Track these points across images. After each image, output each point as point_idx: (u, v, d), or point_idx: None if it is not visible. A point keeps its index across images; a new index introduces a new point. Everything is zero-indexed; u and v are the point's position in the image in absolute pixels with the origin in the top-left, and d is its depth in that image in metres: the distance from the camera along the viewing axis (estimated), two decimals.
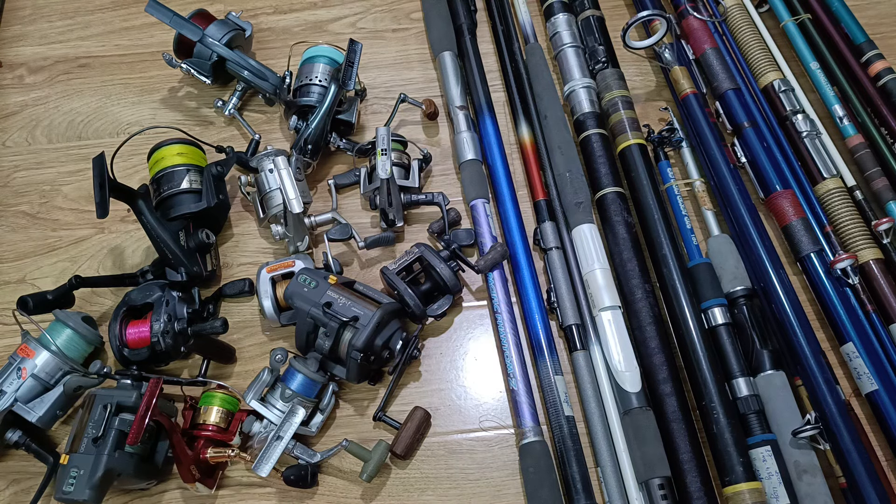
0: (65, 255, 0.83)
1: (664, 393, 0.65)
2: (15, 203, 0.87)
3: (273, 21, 0.99)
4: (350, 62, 0.81)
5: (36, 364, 0.69)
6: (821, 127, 0.80)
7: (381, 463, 0.66)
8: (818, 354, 0.66)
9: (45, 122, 0.93)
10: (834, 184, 0.75)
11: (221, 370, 0.75)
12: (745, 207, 0.74)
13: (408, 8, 0.99)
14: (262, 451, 0.65)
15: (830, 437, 0.63)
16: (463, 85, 0.88)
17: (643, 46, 0.86)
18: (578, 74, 0.85)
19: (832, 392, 0.65)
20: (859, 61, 0.83)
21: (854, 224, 0.72)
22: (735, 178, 0.77)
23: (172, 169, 0.78)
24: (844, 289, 0.70)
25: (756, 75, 0.84)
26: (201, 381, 0.72)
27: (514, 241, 0.77)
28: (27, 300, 0.69)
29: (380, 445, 0.66)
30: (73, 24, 1.01)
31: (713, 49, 0.85)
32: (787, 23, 0.88)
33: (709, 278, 0.71)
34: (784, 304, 0.69)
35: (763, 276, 0.71)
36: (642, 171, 0.77)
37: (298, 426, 0.65)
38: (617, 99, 0.82)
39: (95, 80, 0.96)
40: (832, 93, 0.82)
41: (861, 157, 0.78)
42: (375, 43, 0.95)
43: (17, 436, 0.68)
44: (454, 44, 0.91)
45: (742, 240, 0.74)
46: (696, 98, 0.82)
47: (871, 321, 0.69)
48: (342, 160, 0.87)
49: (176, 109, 0.92)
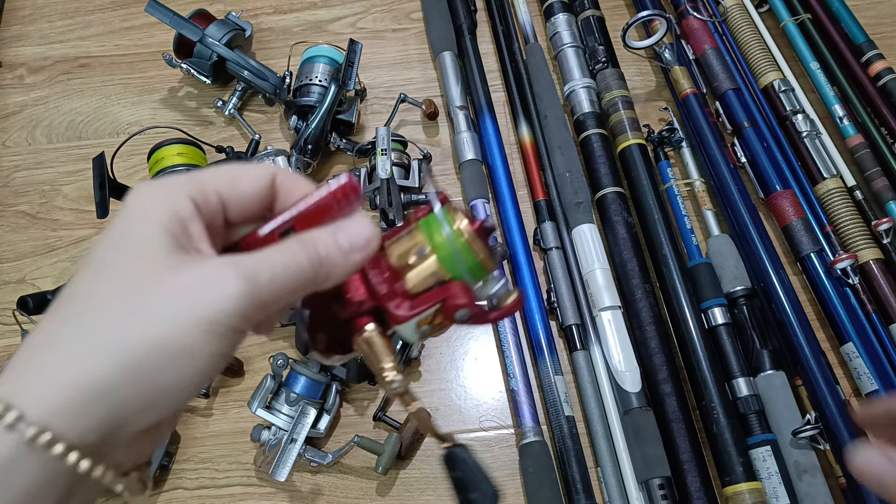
0: (65, 255, 0.83)
1: (664, 393, 0.65)
2: (15, 203, 0.87)
3: (273, 21, 0.99)
4: (350, 62, 0.81)
5: None
6: (821, 127, 0.80)
7: (394, 454, 0.66)
8: (818, 354, 0.66)
9: (45, 123, 0.93)
10: (834, 184, 0.75)
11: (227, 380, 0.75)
12: (745, 207, 0.74)
13: (408, 8, 0.99)
14: (275, 456, 0.65)
15: (830, 437, 0.63)
16: (463, 85, 0.88)
17: (643, 46, 0.86)
18: (578, 74, 0.85)
19: (832, 392, 0.65)
20: (859, 61, 0.83)
21: (854, 224, 0.73)
22: (735, 178, 0.77)
23: (172, 169, 0.78)
24: (844, 289, 0.70)
25: (756, 75, 0.84)
26: (204, 394, 0.72)
27: (513, 241, 0.77)
28: (27, 300, 0.68)
29: (391, 437, 0.66)
30: (73, 24, 1.01)
31: (713, 49, 0.85)
32: (786, 23, 0.88)
33: (709, 278, 0.71)
34: (784, 304, 0.69)
35: (763, 276, 0.71)
36: (642, 171, 0.77)
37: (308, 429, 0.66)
38: (617, 99, 0.82)
39: (95, 80, 0.96)
40: (832, 93, 0.82)
41: (861, 157, 0.78)
42: (375, 43, 0.95)
43: None
44: (454, 44, 0.91)
45: (742, 240, 0.74)
46: (696, 98, 0.82)
47: (871, 321, 0.69)
48: (342, 160, 0.87)
49: (176, 109, 0.92)
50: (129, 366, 0.22)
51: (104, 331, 0.22)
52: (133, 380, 0.22)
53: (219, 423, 0.73)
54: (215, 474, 0.70)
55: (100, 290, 0.23)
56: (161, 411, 0.23)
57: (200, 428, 0.72)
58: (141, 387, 0.22)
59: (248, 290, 0.23)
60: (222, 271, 0.23)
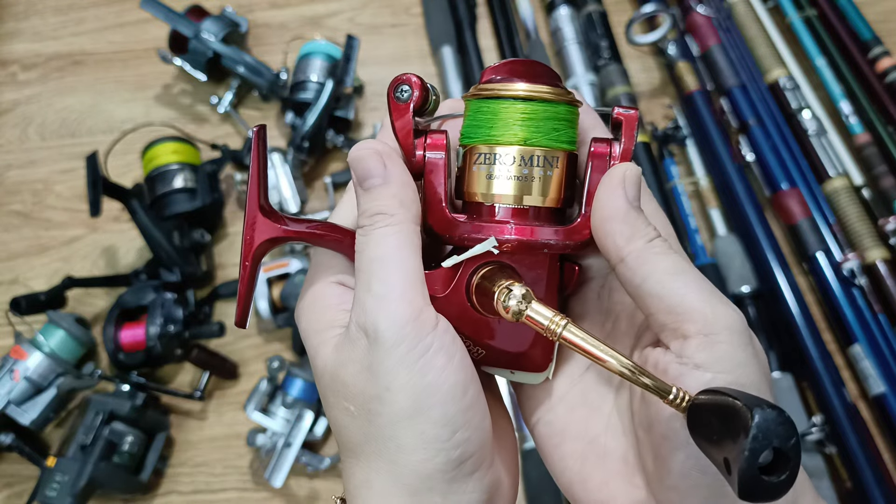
0: (57, 255, 0.82)
1: None
2: (7, 202, 0.86)
3: (269, 16, 0.97)
4: (347, 58, 0.80)
5: (29, 366, 0.67)
6: (827, 124, 0.78)
7: None
8: (825, 356, 0.65)
9: (38, 120, 0.91)
10: (841, 182, 0.74)
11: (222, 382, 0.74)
12: (751, 206, 0.73)
13: (406, 2, 0.97)
14: (272, 461, 0.64)
15: (837, 440, 0.62)
16: (463, 80, 0.86)
17: (647, 42, 0.85)
18: (581, 70, 0.84)
19: (839, 394, 0.64)
20: (866, 58, 0.81)
21: (861, 223, 0.71)
22: (741, 176, 0.75)
23: (166, 167, 0.76)
24: (851, 289, 0.69)
25: (762, 72, 0.83)
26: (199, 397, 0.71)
27: None
28: (20, 301, 0.67)
29: None
30: (67, 21, 0.99)
31: (718, 45, 0.83)
32: (792, 19, 0.87)
33: (715, 279, 0.70)
34: (790, 305, 0.68)
35: (769, 276, 0.70)
36: (646, 168, 0.75)
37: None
38: (620, 95, 0.81)
39: (89, 77, 0.94)
40: (839, 90, 0.81)
41: (868, 155, 0.76)
42: (373, 38, 0.94)
43: (10, 439, 0.66)
44: (454, 39, 0.90)
45: (748, 239, 0.72)
46: (702, 95, 0.81)
47: (878, 322, 0.68)
48: (339, 158, 0.85)
49: (170, 106, 0.91)
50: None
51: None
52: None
53: (213, 426, 0.71)
54: (210, 479, 0.69)
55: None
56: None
57: (195, 431, 0.71)
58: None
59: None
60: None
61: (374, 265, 0.26)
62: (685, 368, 0.24)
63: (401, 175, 0.27)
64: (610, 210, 0.26)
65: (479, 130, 0.27)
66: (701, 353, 0.24)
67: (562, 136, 0.27)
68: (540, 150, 0.27)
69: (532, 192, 0.27)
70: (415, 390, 0.25)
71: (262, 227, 0.27)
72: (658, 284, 0.25)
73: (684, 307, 0.24)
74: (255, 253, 0.28)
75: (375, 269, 0.26)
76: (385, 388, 0.25)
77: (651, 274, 0.25)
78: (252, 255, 0.28)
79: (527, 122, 0.26)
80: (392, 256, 0.26)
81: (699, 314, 0.24)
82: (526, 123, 0.26)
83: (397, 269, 0.26)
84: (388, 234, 0.26)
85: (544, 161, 0.27)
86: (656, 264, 0.25)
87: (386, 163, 0.27)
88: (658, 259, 0.25)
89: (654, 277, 0.25)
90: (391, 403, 0.25)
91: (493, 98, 0.27)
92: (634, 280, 0.25)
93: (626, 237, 0.25)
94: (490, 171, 0.27)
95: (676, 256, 0.25)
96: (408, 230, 0.26)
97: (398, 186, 0.27)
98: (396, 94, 0.27)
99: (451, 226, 0.27)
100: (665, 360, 0.25)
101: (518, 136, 0.26)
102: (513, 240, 0.26)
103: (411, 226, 0.26)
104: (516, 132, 0.26)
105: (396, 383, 0.25)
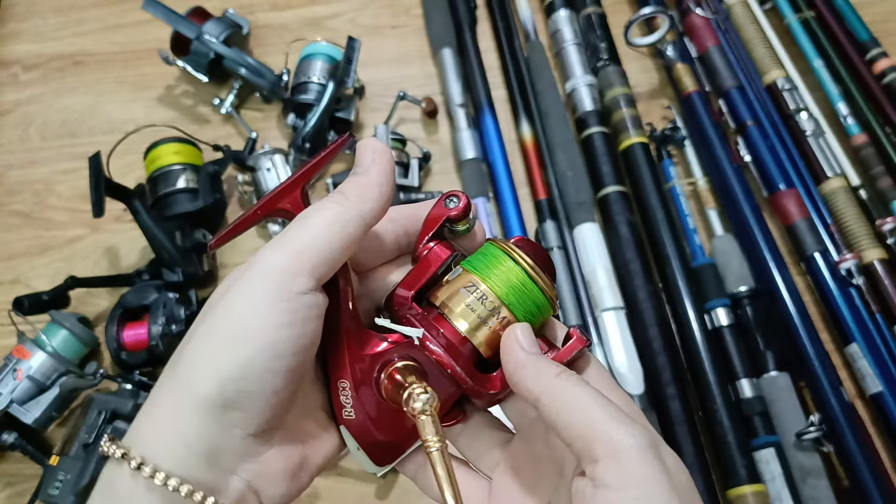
0: (59, 255, 0.82)
1: (667, 395, 0.64)
2: (8, 202, 0.86)
3: (270, 18, 0.97)
4: (348, 59, 0.80)
5: (31, 365, 0.68)
6: (825, 125, 0.79)
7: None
8: (822, 356, 0.66)
9: (40, 121, 0.91)
10: (838, 183, 0.74)
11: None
12: (748, 206, 0.74)
13: (407, 4, 0.98)
14: None
15: (834, 439, 0.62)
16: (463, 82, 0.87)
17: (645, 44, 0.85)
18: (580, 72, 0.84)
19: (836, 394, 0.64)
20: (863, 59, 0.82)
21: (858, 223, 0.72)
22: (738, 176, 0.76)
23: (169, 168, 0.77)
24: (849, 289, 0.69)
25: (759, 73, 0.83)
26: None
27: None
28: (23, 300, 0.68)
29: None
30: (68, 21, 0.99)
31: (716, 46, 0.84)
32: (790, 20, 0.87)
33: (712, 279, 0.70)
34: (788, 305, 0.68)
35: (767, 276, 0.70)
36: (645, 169, 0.76)
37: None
38: (619, 97, 0.81)
39: (90, 78, 0.94)
40: (836, 91, 0.81)
41: (865, 156, 0.77)
42: (374, 39, 0.94)
43: (13, 438, 0.67)
44: (454, 40, 0.90)
45: (746, 239, 0.73)
46: (700, 96, 0.81)
47: (875, 322, 0.68)
48: (340, 159, 0.86)
49: (172, 107, 0.91)
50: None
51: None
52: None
53: None
54: None
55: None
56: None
57: None
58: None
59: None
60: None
61: (298, 223, 0.28)
62: (597, 491, 0.25)
63: (378, 175, 0.29)
64: (514, 362, 0.28)
65: (485, 270, 0.31)
66: (609, 474, 0.25)
67: (532, 319, 0.31)
68: (509, 315, 0.30)
69: (478, 335, 0.30)
70: (242, 321, 0.26)
71: (293, 198, 0.30)
72: (568, 415, 0.26)
73: (592, 431, 0.25)
74: (275, 210, 0.30)
75: (296, 226, 0.28)
76: (223, 305, 0.27)
77: (563, 406, 0.26)
78: (271, 210, 0.30)
79: (518, 290, 0.30)
80: (315, 224, 0.28)
81: (605, 436, 0.25)
82: (517, 291, 0.30)
83: (309, 235, 0.27)
84: (329, 209, 0.28)
85: (505, 323, 0.30)
86: (566, 396, 0.26)
87: (374, 159, 0.30)
88: (568, 390, 0.26)
89: (566, 409, 0.26)
90: (212, 321, 0.27)
91: (510, 257, 0.30)
92: (551, 415, 0.26)
93: (533, 376, 0.27)
94: (466, 298, 0.30)
95: (585, 386, 0.27)
96: (348, 217, 0.28)
97: (367, 182, 0.29)
98: (446, 200, 0.31)
99: (405, 301, 0.31)
100: (582, 485, 0.26)
101: (505, 293, 0.30)
102: (439, 353, 0.30)
103: (354, 215, 0.28)
104: (506, 291, 0.30)
105: (231, 304, 0.27)
